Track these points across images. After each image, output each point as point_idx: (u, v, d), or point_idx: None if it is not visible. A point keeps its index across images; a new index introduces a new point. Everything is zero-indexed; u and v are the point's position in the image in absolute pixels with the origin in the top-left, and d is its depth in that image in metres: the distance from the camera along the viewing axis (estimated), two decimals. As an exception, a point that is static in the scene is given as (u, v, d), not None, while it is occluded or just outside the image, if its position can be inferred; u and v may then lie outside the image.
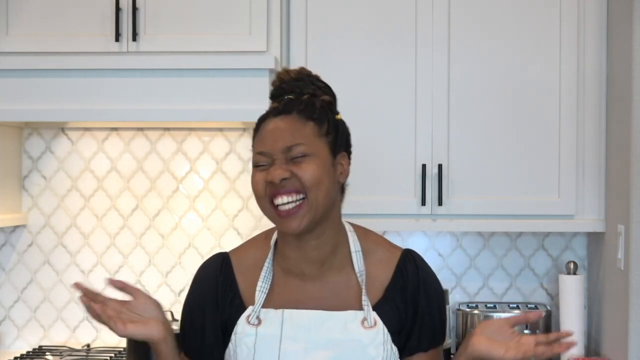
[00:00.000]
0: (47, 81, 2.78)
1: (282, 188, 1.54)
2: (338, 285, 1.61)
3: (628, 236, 2.58)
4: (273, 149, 1.56)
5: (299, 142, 1.56)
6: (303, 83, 1.65)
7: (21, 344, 3.23)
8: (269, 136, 1.58)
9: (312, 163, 1.56)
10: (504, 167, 2.83)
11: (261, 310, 1.59)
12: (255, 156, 1.59)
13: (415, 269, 1.64)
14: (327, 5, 2.85)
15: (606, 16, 2.81)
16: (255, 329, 1.58)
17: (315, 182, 1.55)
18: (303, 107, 1.60)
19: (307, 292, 1.61)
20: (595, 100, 2.82)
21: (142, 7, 2.80)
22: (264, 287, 1.61)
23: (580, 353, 2.90)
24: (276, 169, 1.54)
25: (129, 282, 1.51)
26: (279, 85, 1.66)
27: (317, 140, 1.58)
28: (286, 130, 1.57)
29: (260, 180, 1.56)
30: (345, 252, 1.64)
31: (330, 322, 1.56)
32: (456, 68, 2.83)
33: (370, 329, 1.56)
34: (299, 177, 1.54)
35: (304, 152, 1.56)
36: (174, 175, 3.20)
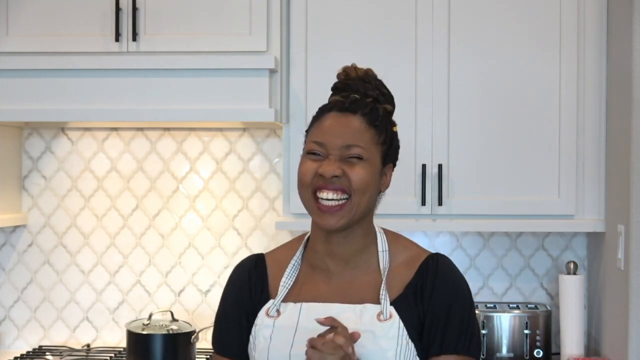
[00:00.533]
0: (47, 81, 2.78)
1: (330, 184, 1.57)
2: (361, 283, 1.63)
3: (628, 236, 2.58)
4: (332, 142, 1.59)
5: (358, 144, 1.59)
6: (370, 85, 1.68)
7: (21, 344, 3.23)
8: (331, 129, 1.60)
9: (364, 168, 1.59)
10: (503, 167, 2.83)
11: (281, 304, 1.63)
12: (310, 144, 1.61)
13: (435, 271, 1.64)
14: (327, 5, 2.85)
15: (606, 16, 2.81)
16: (273, 320, 1.62)
17: (362, 187, 1.59)
18: (368, 110, 1.62)
19: (329, 288, 1.64)
20: (595, 100, 2.82)
21: (142, 7, 2.80)
22: (287, 283, 1.65)
23: (580, 353, 2.90)
24: (330, 164, 1.57)
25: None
26: (344, 79, 1.69)
27: (373, 147, 1.61)
28: (348, 129, 1.60)
29: (310, 170, 1.59)
30: (373, 252, 1.67)
31: (346, 314, 1.58)
32: (456, 68, 2.83)
33: (385, 322, 1.57)
34: (350, 178, 1.57)
35: (360, 154, 1.59)
36: (174, 175, 3.20)
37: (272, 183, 3.16)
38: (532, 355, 2.92)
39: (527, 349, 2.92)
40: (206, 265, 3.19)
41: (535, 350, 2.92)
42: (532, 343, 2.92)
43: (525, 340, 2.93)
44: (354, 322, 1.57)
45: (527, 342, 2.92)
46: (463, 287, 1.69)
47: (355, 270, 1.65)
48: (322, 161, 1.59)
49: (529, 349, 2.92)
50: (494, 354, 2.93)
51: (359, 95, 1.65)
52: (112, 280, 3.22)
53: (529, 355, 2.92)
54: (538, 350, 2.92)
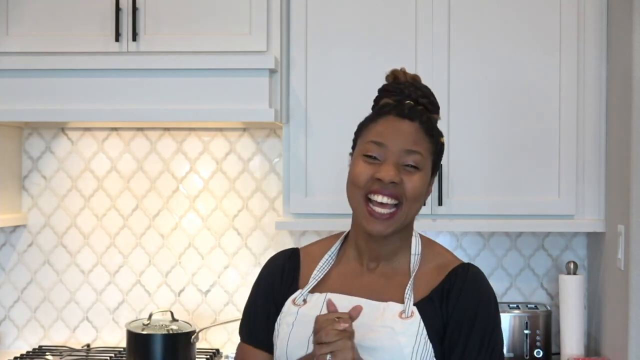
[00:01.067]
0: (47, 81, 2.78)
1: (385, 189, 1.57)
2: (389, 282, 1.64)
3: (628, 236, 2.58)
4: (393, 145, 1.58)
5: (418, 151, 1.59)
6: (420, 92, 1.67)
7: (21, 344, 3.23)
8: (392, 131, 1.60)
9: (420, 177, 1.59)
10: (504, 167, 2.83)
11: (308, 294, 1.65)
12: (368, 144, 1.61)
13: (464, 279, 1.62)
14: (327, 6, 2.85)
15: (606, 16, 2.81)
16: (297, 308, 1.63)
17: (416, 197, 1.59)
18: (425, 119, 1.63)
19: (358, 284, 1.65)
20: (595, 100, 2.82)
21: (142, 7, 2.79)
22: (318, 275, 1.67)
23: (580, 353, 2.90)
24: (390, 169, 1.57)
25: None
26: (394, 81, 1.69)
27: (428, 156, 1.62)
28: (410, 135, 1.60)
29: (366, 172, 1.59)
30: (407, 254, 1.67)
31: (369, 309, 1.58)
32: (456, 68, 2.83)
33: (405, 319, 1.57)
34: (405, 186, 1.58)
35: (418, 163, 1.59)
36: (174, 175, 3.20)
37: (272, 183, 3.16)
38: (532, 355, 2.92)
39: (527, 349, 2.92)
40: (206, 265, 3.19)
41: (535, 350, 2.92)
42: (532, 343, 2.92)
43: (525, 340, 2.92)
44: (375, 317, 1.58)
45: (527, 342, 2.92)
46: (490, 299, 1.65)
47: (387, 269, 1.66)
48: (379, 165, 1.58)
49: (529, 349, 2.92)
50: (494, 354, 2.93)
51: (412, 102, 1.65)
52: (112, 280, 3.22)
53: (529, 355, 2.92)
54: (538, 350, 2.92)
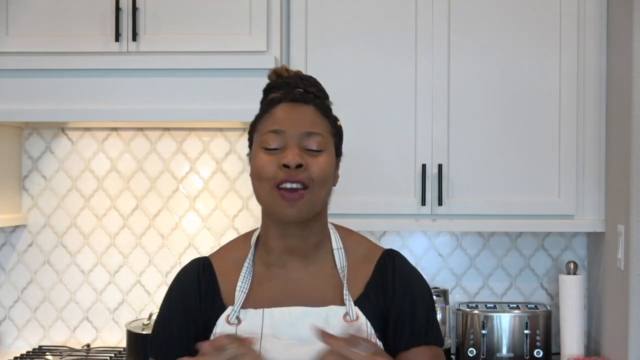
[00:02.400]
0: (47, 81, 2.78)
1: (293, 176, 1.50)
2: (320, 281, 1.59)
3: (628, 236, 2.58)
4: (292, 129, 1.52)
5: (319, 132, 1.54)
6: (307, 82, 1.61)
7: (21, 344, 3.23)
8: (289, 117, 1.54)
9: (325, 158, 1.54)
10: (504, 167, 2.83)
11: (241, 310, 1.56)
12: (267, 134, 1.53)
13: (393, 267, 1.62)
14: (327, 6, 2.85)
15: (606, 16, 2.81)
16: (235, 328, 1.54)
17: (323, 179, 1.53)
18: (319, 102, 1.58)
19: (289, 289, 1.58)
20: (595, 100, 2.82)
21: (142, 7, 2.80)
22: (244, 287, 1.58)
23: (580, 353, 2.90)
24: (293, 153, 1.50)
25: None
26: (277, 79, 1.63)
27: (329, 137, 1.57)
28: (308, 117, 1.54)
29: (269, 162, 1.52)
30: (328, 248, 1.62)
31: (312, 318, 1.53)
32: (456, 68, 2.83)
33: (352, 323, 1.54)
34: (312, 169, 1.52)
35: (321, 144, 1.54)
36: (174, 175, 3.20)
37: (272, 183, 3.16)
38: (532, 355, 2.92)
39: (527, 349, 2.92)
40: (206, 265, 3.19)
41: (535, 350, 2.92)
42: (532, 343, 2.92)
43: (525, 340, 2.93)
44: (321, 326, 1.49)
45: (527, 342, 2.92)
46: (422, 280, 1.66)
47: (313, 267, 1.60)
48: (281, 153, 1.51)
49: (529, 349, 2.92)
50: (494, 354, 2.93)
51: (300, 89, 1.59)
52: (112, 280, 3.22)
53: (529, 355, 2.92)
54: (538, 350, 2.92)
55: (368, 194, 2.83)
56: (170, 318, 1.63)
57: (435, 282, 3.16)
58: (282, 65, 1.67)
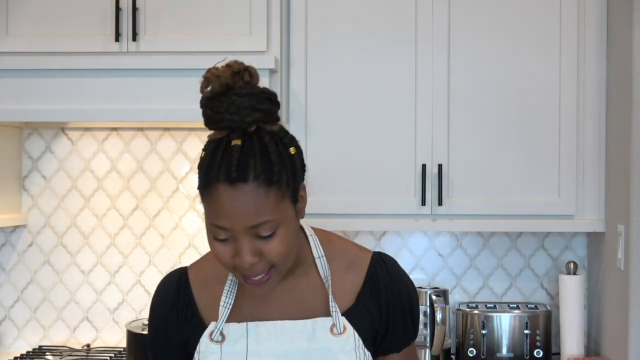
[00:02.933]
0: (47, 81, 2.78)
1: (250, 272, 1.39)
2: (304, 292, 1.52)
3: (628, 236, 2.58)
4: (236, 225, 1.36)
5: (265, 219, 1.36)
6: (244, 109, 1.39)
7: (21, 344, 3.23)
8: (229, 210, 1.36)
9: (280, 237, 1.38)
10: (504, 167, 2.83)
11: (224, 325, 1.50)
12: (212, 228, 1.39)
13: (387, 274, 1.55)
14: (327, 5, 2.85)
15: (606, 16, 2.81)
16: (219, 346, 1.48)
17: (284, 256, 1.40)
18: (259, 168, 1.35)
19: (273, 303, 1.52)
20: (595, 100, 2.82)
21: (142, 7, 2.80)
22: (228, 302, 1.51)
23: (580, 353, 2.90)
24: (244, 254, 1.37)
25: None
26: (212, 104, 1.46)
27: (280, 204, 1.37)
28: (249, 205, 1.35)
29: (226, 257, 1.40)
30: (309, 259, 1.53)
31: (297, 331, 1.48)
32: (456, 68, 2.83)
33: (339, 336, 1.49)
34: (268, 257, 1.38)
35: (271, 228, 1.37)
36: (174, 175, 3.20)
37: (272, 183, 3.16)
38: (532, 355, 2.92)
39: (527, 349, 2.92)
40: (206, 265, 3.19)
41: (535, 350, 2.92)
42: (532, 343, 2.92)
43: (525, 340, 2.93)
44: (306, 339, 1.48)
45: (527, 342, 2.92)
46: (409, 283, 1.59)
47: (297, 280, 1.52)
48: (232, 243, 1.38)
49: (529, 349, 2.92)
50: (494, 354, 2.93)
51: (238, 132, 1.38)
52: (112, 280, 3.22)
53: (529, 355, 2.92)
54: (538, 350, 2.92)
55: (368, 194, 2.83)
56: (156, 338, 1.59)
57: (435, 282, 3.16)
58: (211, 69, 1.49)
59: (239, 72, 1.45)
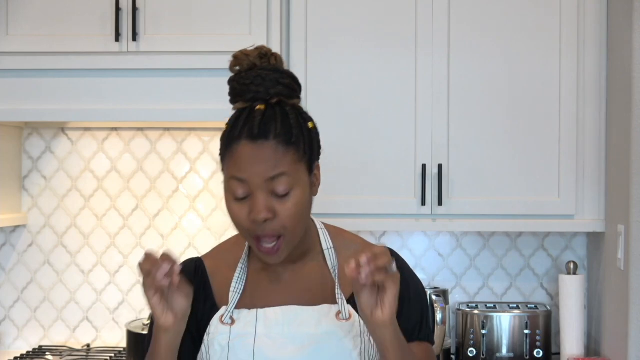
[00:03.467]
0: (47, 81, 2.78)
1: (264, 230, 1.47)
2: (312, 281, 1.59)
3: (628, 236, 2.58)
4: (253, 178, 1.45)
5: (282, 172, 1.45)
6: (269, 80, 1.52)
7: (21, 344, 3.23)
8: (249, 162, 1.46)
9: (294, 199, 1.47)
10: (504, 167, 2.83)
11: (234, 310, 1.56)
12: (231, 181, 1.48)
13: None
14: (327, 5, 2.85)
15: (606, 16, 2.81)
16: (228, 327, 1.55)
17: (296, 221, 1.49)
18: (280, 128, 1.47)
19: (281, 291, 1.58)
20: (595, 100, 2.82)
21: (142, 7, 2.80)
22: (238, 288, 1.58)
23: (580, 353, 2.90)
24: (259, 207, 1.45)
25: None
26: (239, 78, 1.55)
27: (297, 165, 1.48)
28: (269, 159, 1.45)
29: (242, 217, 1.48)
30: (318, 250, 1.61)
31: (304, 316, 1.54)
32: (456, 68, 2.83)
33: (345, 321, 1.54)
34: (281, 218, 1.47)
35: (288, 184, 1.46)
36: (174, 175, 3.20)
37: (272, 183, 3.16)
38: (532, 355, 2.92)
39: (527, 349, 2.92)
40: (206, 265, 3.19)
41: (535, 350, 2.92)
42: (532, 343, 2.92)
43: (525, 340, 2.92)
44: (313, 324, 1.53)
45: (527, 342, 2.92)
46: (417, 279, 1.65)
47: (305, 269, 1.60)
48: (249, 202, 1.47)
49: (529, 349, 2.92)
50: (494, 354, 2.93)
51: (261, 101, 1.50)
52: (112, 280, 3.22)
53: (529, 355, 2.92)
54: (538, 350, 2.92)
55: (368, 194, 2.83)
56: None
57: (435, 282, 3.16)
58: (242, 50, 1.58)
59: (266, 55, 1.58)
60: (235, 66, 1.58)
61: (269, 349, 1.52)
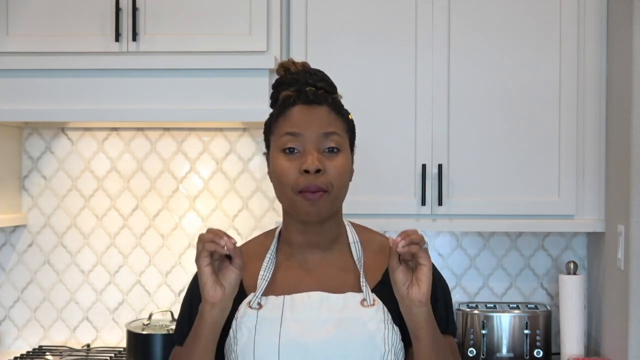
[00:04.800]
0: (47, 81, 2.78)
1: (312, 183, 1.55)
2: (338, 270, 1.65)
3: (628, 236, 2.58)
4: (309, 132, 1.56)
5: (334, 131, 1.58)
6: (315, 76, 1.65)
7: (21, 344, 3.23)
8: (305, 119, 1.57)
9: (342, 159, 1.59)
10: (504, 167, 2.83)
11: (262, 297, 1.61)
12: (284, 136, 1.57)
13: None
14: (327, 5, 2.85)
15: (606, 16, 2.81)
16: (256, 312, 1.59)
17: (341, 180, 1.59)
18: (331, 100, 1.62)
19: (308, 279, 1.64)
20: (595, 100, 2.82)
21: (142, 7, 2.80)
22: (266, 275, 1.64)
23: (580, 353, 2.90)
24: (312, 158, 1.55)
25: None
26: (285, 74, 1.66)
27: (345, 134, 1.61)
28: (323, 118, 1.58)
29: (290, 168, 1.56)
30: (345, 242, 1.68)
31: (330, 302, 1.59)
32: (456, 68, 2.83)
33: (369, 307, 1.58)
34: (329, 173, 1.56)
35: (338, 143, 1.58)
36: (174, 175, 3.20)
37: (272, 183, 3.16)
38: (532, 355, 2.92)
39: (527, 349, 2.92)
40: (206, 265, 3.18)
41: (535, 350, 2.92)
42: (532, 343, 2.92)
43: (525, 340, 2.93)
44: (338, 310, 1.58)
45: (527, 342, 2.92)
46: (440, 274, 1.70)
47: (331, 258, 1.66)
48: (300, 156, 1.57)
49: (529, 349, 2.92)
50: (494, 354, 2.93)
51: (311, 87, 1.63)
52: (112, 280, 3.22)
53: (529, 355, 2.92)
54: (538, 350, 2.92)
55: (368, 194, 2.83)
56: (192, 308, 1.67)
57: (435, 282, 3.16)
58: (288, 59, 1.70)
59: (310, 68, 1.70)
60: (282, 70, 1.68)
61: (295, 332, 1.56)
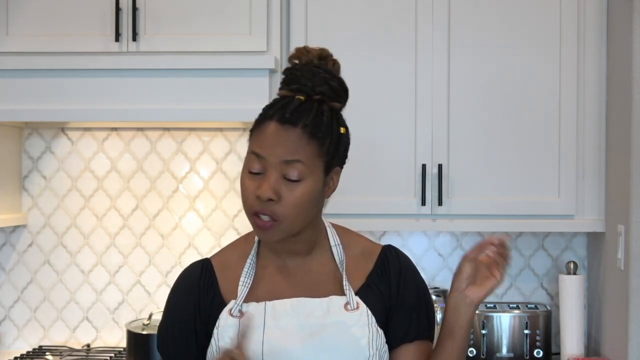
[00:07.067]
0: (47, 81, 2.78)
1: (262, 209, 1.51)
2: (320, 275, 1.62)
3: (628, 236, 2.58)
4: (271, 156, 1.51)
5: (298, 159, 1.51)
6: (319, 78, 1.59)
7: (21, 344, 3.23)
8: (272, 141, 1.52)
9: (301, 189, 1.51)
10: (503, 167, 2.83)
11: (243, 304, 1.58)
12: (250, 156, 1.54)
13: (397, 259, 1.65)
14: (327, 6, 2.85)
15: (606, 16, 2.81)
16: (237, 320, 1.56)
17: (297, 210, 1.52)
18: (310, 120, 1.53)
19: (290, 284, 1.61)
20: (595, 100, 2.82)
21: (142, 7, 2.80)
22: (247, 282, 1.60)
23: (580, 353, 2.90)
24: (268, 186, 1.50)
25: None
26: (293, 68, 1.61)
27: (315, 160, 1.53)
28: (291, 143, 1.51)
29: (251, 191, 1.52)
30: (326, 246, 1.65)
31: (313, 307, 1.57)
32: (456, 68, 2.83)
33: (353, 311, 1.57)
34: (284, 202, 1.50)
35: (300, 173, 1.51)
36: (174, 175, 3.20)
37: (272, 183, 3.16)
38: (532, 355, 2.92)
39: (527, 349, 2.92)
40: (206, 265, 3.18)
41: (535, 350, 2.92)
42: (532, 343, 2.92)
43: (525, 340, 2.93)
44: (321, 315, 1.56)
45: (527, 342, 2.92)
46: (421, 277, 1.70)
47: (313, 263, 1.63)
48: (260, 180, 1.52)
49: (529, 349, 2.92)
50: (494, 354, 2.93)
51: (304, 94, 1.56)
52: (112, 280, 3.22)
53: (529, 355, 2.92)
54: (538, 350, 2.92)
55: (368, 194, 2.83)
56: (173, 323, 1.65)
57: (435, 282, 3.16)
58: (304, 46, 1.67)
59: (326, 57, 1.67)
60: (294, 58, 1.63)
61: (278, 340, 1.54)
